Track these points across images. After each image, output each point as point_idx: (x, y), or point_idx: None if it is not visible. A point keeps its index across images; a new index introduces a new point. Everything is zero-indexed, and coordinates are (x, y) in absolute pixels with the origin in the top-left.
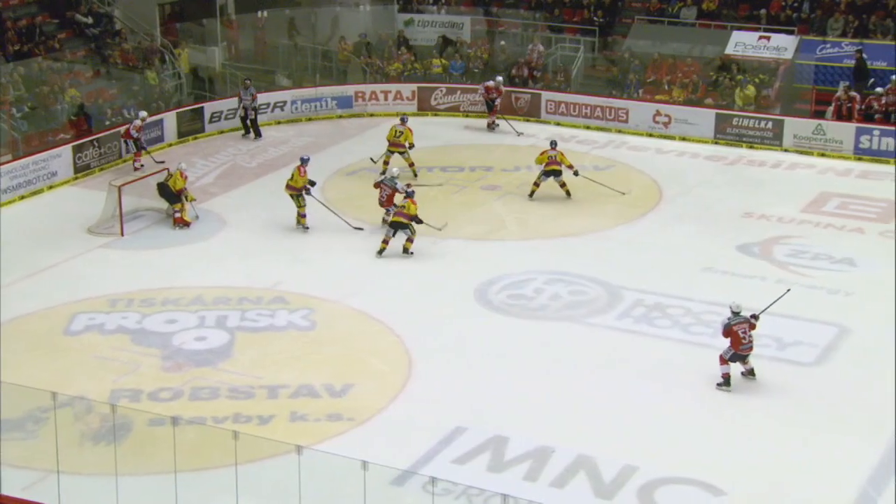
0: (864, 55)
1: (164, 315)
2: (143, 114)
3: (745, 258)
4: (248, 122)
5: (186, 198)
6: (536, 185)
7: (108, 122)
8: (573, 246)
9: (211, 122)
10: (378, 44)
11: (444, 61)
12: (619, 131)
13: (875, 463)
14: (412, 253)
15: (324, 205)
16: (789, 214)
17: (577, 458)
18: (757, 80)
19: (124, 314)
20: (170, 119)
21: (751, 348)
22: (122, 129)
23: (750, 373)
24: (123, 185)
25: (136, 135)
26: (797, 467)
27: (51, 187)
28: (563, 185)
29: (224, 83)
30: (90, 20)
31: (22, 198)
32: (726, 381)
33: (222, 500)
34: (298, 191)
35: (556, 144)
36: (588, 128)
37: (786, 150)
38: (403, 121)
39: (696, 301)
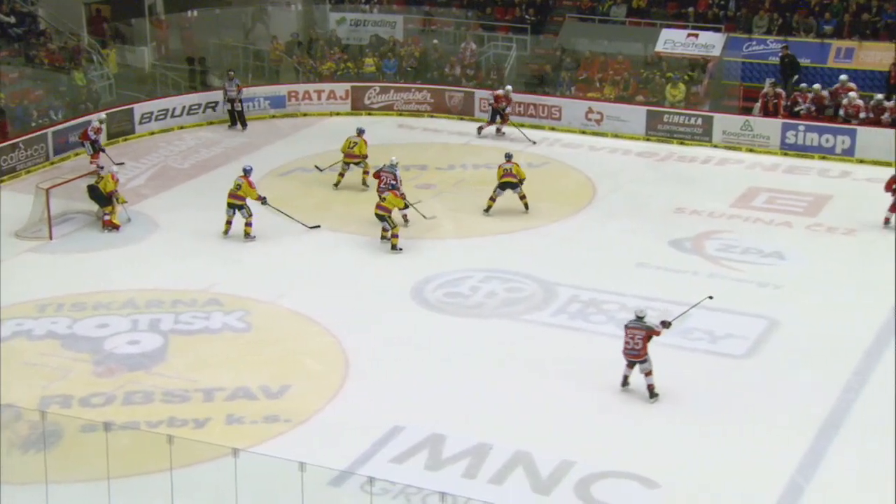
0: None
1: (95, 319)
2: (102, 115)
3: (678, 253)
4: (235, 113)
5: (117, 200)
6: (492, 199)
7: (34, 124)
8: (508, 243)
9: (141, 123)
10: (310, 43)
11: (377, 60)
12: (553, 129)
13: (803, 452)
14: (401, 249)
15: (280, 211)
16: (719, 209)
17: (515, 455)
18: (686, 78)
19: (54, 319)
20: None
21: (637, 355)
22: (80, 130)
23: (649, 390)
24: (51, 187)
25: (93, 136)
26: (730, 457)
27: None
28: (522, 197)
29: (154, 83)
30: (13, 20)
31: None
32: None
33: None
34: (242, 201)
35: (511, 157)
36: (522, 125)
37: (715, 146)
38: (360, 132)
39: (630, 296)
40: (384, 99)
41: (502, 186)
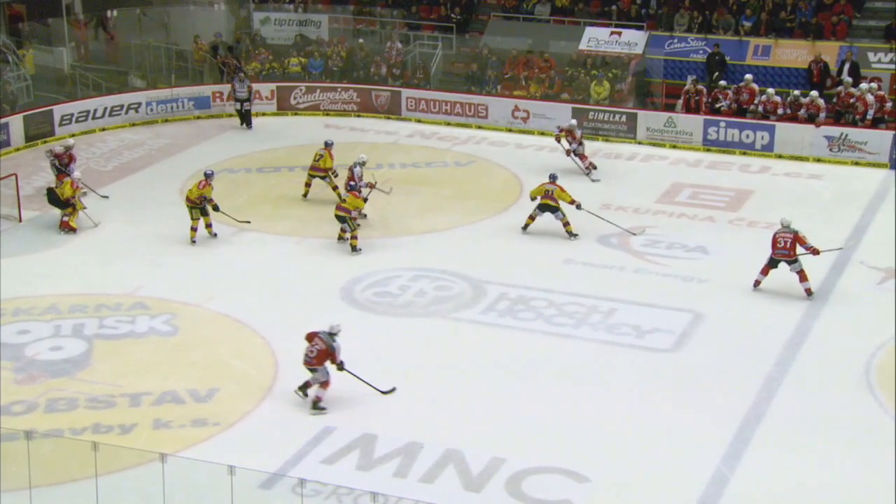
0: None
1: (15, 325)
2: (70, 142)
3: (604, 249)
4: (244, 113)
5: (76, 206)
6: (532, 218)
7: None
8: (437, 242)
9: (61, 125)
10: (234, 43)
11: (302, 60)
12: (480, 127)
13: (727, 443)
14: (360, 250)
15: (228, 215)
16: (645, 205)
17: (446, 453)
18: (610, 75)
19: None
20: (16, 122)
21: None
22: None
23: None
24: None
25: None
26: (657, 450)
27: None
28: (565, 224)
29: (74, 85)
30: None
31: None
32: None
33: None
34: (199, 203)
35: (555, 178)
36: (448, 124)
37: (640, 143)
38: (327, 145)
39: (558, 293)
40: (310, 99)
41: (541, 208)
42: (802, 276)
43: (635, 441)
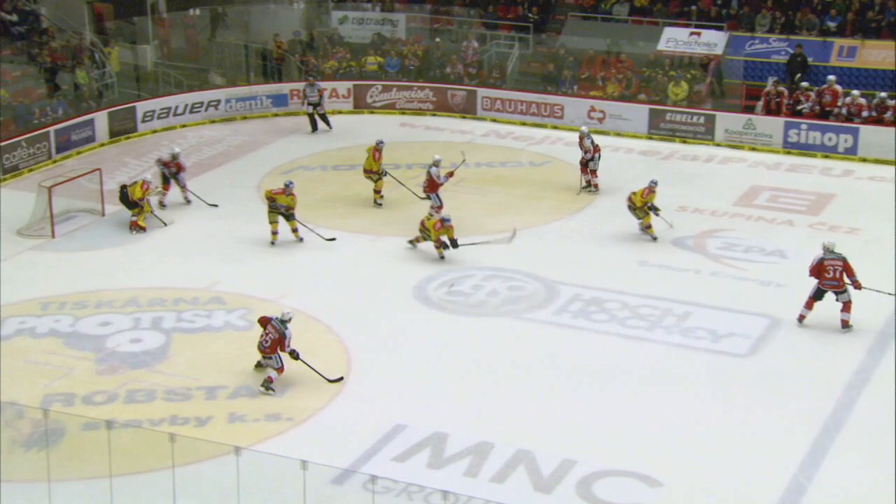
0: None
1: (97, 318)
2: (176, 150)
3: (680, 251)
4: (317, 116)
5: (143, 209)
6: (649, 226)
7: (36, 122)
8: (510, 242)
9: (144, 121)
10: (312, 42)
11: (379, 59)
12: (555, 127)
13: (805, 451)
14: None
15: (307, 226)
16: (722, 208)
17: (517, 453)
18: (689, 76)
19: (56, 317)
20: (101, 118)
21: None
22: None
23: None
24: (54, 186)
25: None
26: (731, 457)
27: None
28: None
29: (156, 82)
30: (15, 18)
31: None
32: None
33: None
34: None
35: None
36: (524, 124)
37: (717, 145)
38: (378, 144)
39: (631, 295)
40: (386, 97)
41: (653, 209)
42: (847, 307)
43: (709, 446)
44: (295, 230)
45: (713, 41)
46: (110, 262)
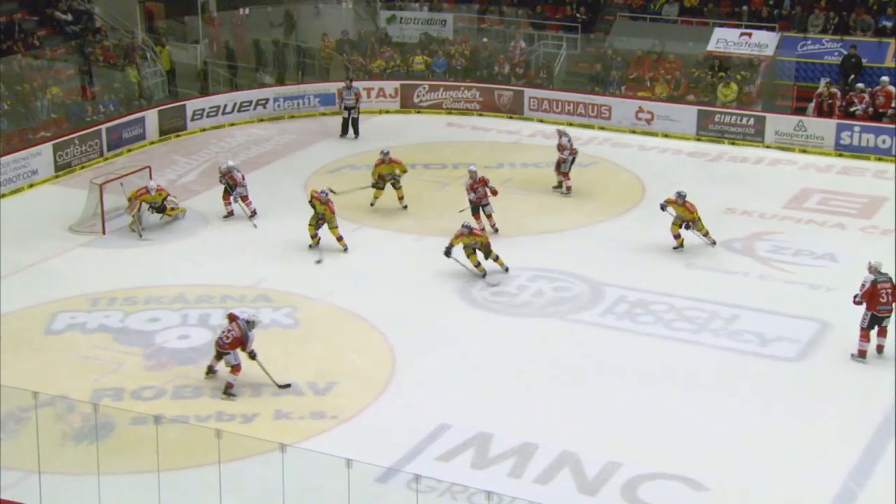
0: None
1: (146, 314)
2: (231, 163)
3: (727, 254)
4: (350, 121)
5: (133, 211)
6: (680, 240)
7: (88, 120)
8: (556, 242)
9: (193, 119)
10: (360, 41)
11: (426, 58)
12: (602, 128)
13: (856, 457)
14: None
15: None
16: (771, 210)
17: (561, 455)
18: (739, 77)
19: (106, 313)
20: (151, 116)
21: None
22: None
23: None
24: (105, 183)
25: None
26: (779, 462)
27: (31, 185)
28: (704, 233)
29: (205, 80)
30: (70, 17)
31: (2, 196)
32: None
33: (206, 499)
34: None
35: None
36: (571, 124)
37: (767, 147)
38: (383, 154)
39: (678, 297)
40: (433, 97)
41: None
42: (884, 332)
43: (757, 451)
44: (339, 238)
45: (764, 42)
46: (159, 259)
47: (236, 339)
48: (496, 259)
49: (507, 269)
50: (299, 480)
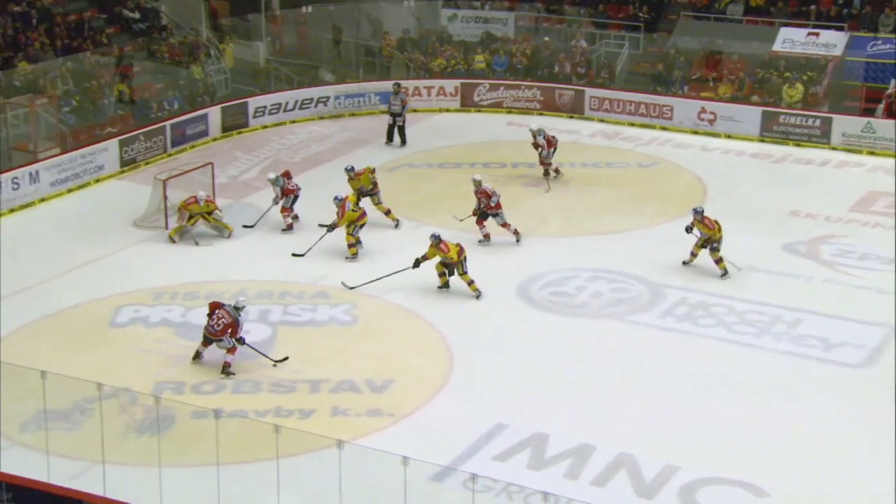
0: None
1: (207, 309)
2: (271, 175)
3: (791, 257)
4: (396, 129)
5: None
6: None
7: (153, 116)
8: (615, 243)
9: (255, 116)
10: (421, 39)
11: (487, 57)
12: (664, 128)
13: None
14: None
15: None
16: (837, 213)
17: (618, 457)
18: (805, 78)
19: (168, 307)
20: (214, 113)
21: None
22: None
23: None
24: (169, 179)
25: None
26: (842, 470)
27: (97, 181)
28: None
29: (268, 78)
30: (137, 15)
31: (69, 191)
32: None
33: (263, 493)
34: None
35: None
36: (632, 125)
37: (834, 149)
38: (347, 170)
39: (739, 300)
40: (494, 96)
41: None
42: None
43: (819, 458)
44: (388, 212)
45: (832, 42)
46: (220, 255)
47: (227, 325)
48: (470, 284)
49: (478, 296)
50: (355, 477)
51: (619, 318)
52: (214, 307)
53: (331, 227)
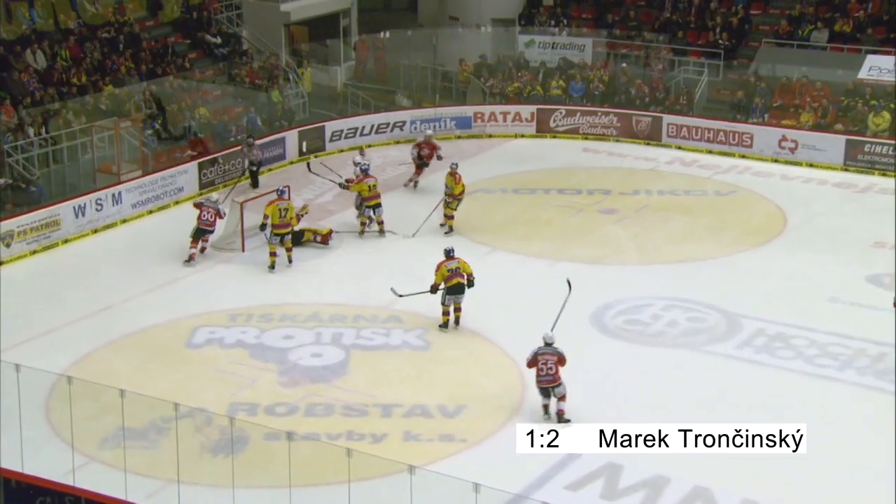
0: None
1: (281, 331)
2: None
3: (875, 289)
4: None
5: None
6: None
7: (232, 139)
8: (692, 272)
9: (331, 140)
10: (498, 65)
11: (563, 83)
12: (743, 156)
13: None
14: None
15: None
16: None
17: (694, 490)
18: (893, 106)
19: (243, 329)
20: (291, 137)
21: (552, 380)
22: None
23: (559, 416)
24: (245, 201)
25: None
26: None
27: (177, 202)
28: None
29: (345, 102)
30: (219, 40)
31: (150, 212)
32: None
33: None
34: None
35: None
36: (710, 152)
37: None
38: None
39: (821, 332)
40: (570, 122)
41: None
42: None
43: None
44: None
45: None
46: (295, 278)
47: (216, 214)
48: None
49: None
50: (427, 503)
51: (695, 347)
52: (197, 206)
53: (343, 185)
